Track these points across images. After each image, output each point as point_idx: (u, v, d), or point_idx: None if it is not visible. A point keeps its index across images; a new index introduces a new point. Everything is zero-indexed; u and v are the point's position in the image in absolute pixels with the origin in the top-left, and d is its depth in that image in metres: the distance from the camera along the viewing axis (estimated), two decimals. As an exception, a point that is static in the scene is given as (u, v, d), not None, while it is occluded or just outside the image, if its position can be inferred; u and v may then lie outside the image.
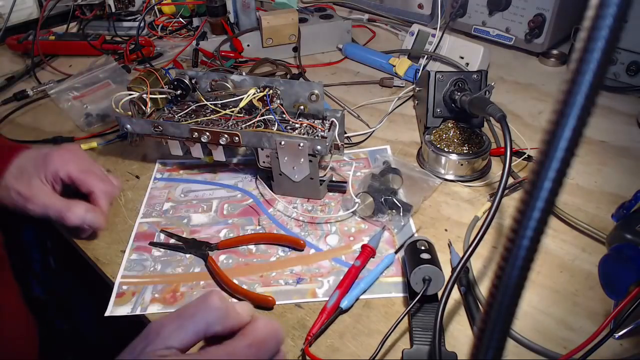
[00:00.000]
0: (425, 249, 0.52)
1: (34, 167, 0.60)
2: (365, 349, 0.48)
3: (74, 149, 0.65)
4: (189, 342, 0.35)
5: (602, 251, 0.54)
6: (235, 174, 0.73)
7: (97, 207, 0.61)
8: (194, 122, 0.67)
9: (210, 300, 0.36)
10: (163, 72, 0.71)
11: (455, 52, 0.93)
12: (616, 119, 0.81)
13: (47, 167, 0.60)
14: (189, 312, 0.36)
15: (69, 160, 0.62)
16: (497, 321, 0.20)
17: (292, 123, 0.67)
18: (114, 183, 0.65)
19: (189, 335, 0.35)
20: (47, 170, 0.60)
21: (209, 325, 0.35)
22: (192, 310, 0.36)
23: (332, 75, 0.98)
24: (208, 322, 0.35)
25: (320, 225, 0.63)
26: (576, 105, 0.17)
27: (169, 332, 0.34)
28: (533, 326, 0.50)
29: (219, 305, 0.36)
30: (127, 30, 1.13)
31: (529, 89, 0.92)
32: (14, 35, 1.08)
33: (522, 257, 0.18)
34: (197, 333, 0.35)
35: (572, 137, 0.17)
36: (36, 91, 0.92)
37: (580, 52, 0.17)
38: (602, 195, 0.66)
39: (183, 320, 0.35)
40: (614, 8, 0.16)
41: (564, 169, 0.17)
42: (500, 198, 0.48)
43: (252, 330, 0.36)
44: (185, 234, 0.63)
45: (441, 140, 0.71)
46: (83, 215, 0.59)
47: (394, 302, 0.53)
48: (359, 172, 0.71)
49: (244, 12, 1.02)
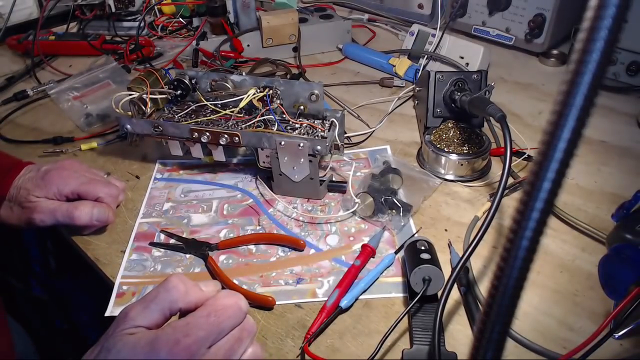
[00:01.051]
0: (425, 249, 0.52)
1: (35, 187, 0.61)
2: (365, 349, 0.48)
3: (71, 165, 0.65)
4: (155, 320, 0.39)
5: (602, 251, 0.54)
6: (235, 174, 0.73)
7: (104, 204, 0.62)
8: (194, 122, 0.67)
9: (170, 281, 0.41)
10: (163, 72, 0.71)
11: (455, 52, 0.93)
12: (616, 119, 0.81)
13: (48, 188, 0.61)
14: (152, 295, 0.40)
15: (68, 177, 0.62)
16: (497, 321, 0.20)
17: (292, 123, 0.67)
18: (117, 186, 0.66)
19: (155, 314, 0.39)
20: (48, 191, 0.61)
21: (171, 303, 0.39)
22: (154, 293, 0.40)
23: (332, 75, 0.98)
24: (170, 300, 0.39)
25: (320, 225, 0.63)
26: (575, 106, 0.17)
27: (136, 313, 0.39)
28: (533, 326, 0.50)
29: (178, 284, 0.40)
30: (127, 30, 1.13)
31: (529, 89, 0.92)
32: (14, 35, 1.08)
33: (521, 257, 0.18)
34: (162, 311, 0.39)
35: (571, 138, 0.17)
36: (36, 91, 0.92)
37: (579, 53, 0.17)
38: (602, 195, 0.66)
39: (147, 302, 0.39)
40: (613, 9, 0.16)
41: (563, 169, 0.17)
42: (500, 198, 0.48)
43: (212, 302, 0.40)
44: (185, 234, 0.63)
45: (441, 140, 0.71)
46: (91, 211, 0.60)
47: (394, 302, 0.53)
48: (359, 172, 0.71)
49: (244, 12, 1.02)
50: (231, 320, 0.40)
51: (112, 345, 0.37)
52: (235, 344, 0.40)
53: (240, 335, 0.40)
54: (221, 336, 0.39)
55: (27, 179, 0.62)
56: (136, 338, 0.37)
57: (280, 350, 0.49)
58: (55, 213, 0.60)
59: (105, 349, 0.37)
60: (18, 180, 0.62)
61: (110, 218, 0.62)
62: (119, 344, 0.37)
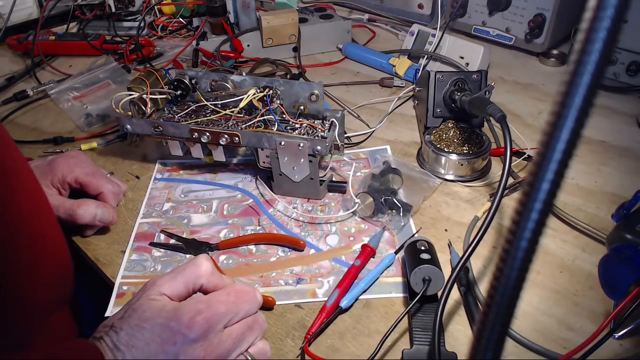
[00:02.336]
0: (425, 249, 0.52)
1: (40, 175, 0.60)
2: (365, 349, 0.48)
3: (77, 155, 0.66)
4: (179, 291, 0.42)
5: (602, 251, 0.54)
6: (235, 174, 0.73)
7: (108, 204, 0.62)
8: (194, 123, 0.67)
9: (199, 258, 0.44)
10: (163, 72, 0.71)
11: (455, 52, 0.93)
12: (616, 119, 0.81)
13: (53, 174, 0.61)
14: (180, 268, 0.44)
15: (75, 165, 0.63)
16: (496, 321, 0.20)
17: (292, 123, 0.67)
18: (119, 184, 0.67)
19: (179, 285, 0.42)
20: (53, 176, 0.61)
21: (197, 277, 0.43)
22: (183, 266, 0.44)
23: (332, 75, 0.98)
24: (196, 274, 0.43)
25: (320, 225, 0.63)
26: (574, 107, 0.17)
27: (162, 282, 0.42)
28: (533, 326, 0.50)
29: (207, 263, 0.44)
30: (127, 30, 1.13)
31: (529, 89, 0.92)
32: (14, 35, 1.08)
33: (520, 258, 0.18)
34: (186, 283, 0.42)
35: (570, 139, 0.17)
36: (36, 91, 0.92)
37: (578, 53, 0.17)
38: (602, 195, 0.66)
39: (175, 274, 0.43)
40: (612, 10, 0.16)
41: (562, 170, 0.17)
42: (500, 198, 0.48)
43: (232, 286, 0.44)
44: (185, 234, 0.63)
45: (441, 140, 0.71)
46: (94, 211, 0.60)
47: (394, 302, 0.53)
48: (359, 172, 0.71)
49: (244, 12, 1.02)
50: (247, 304, 0.42)
51: (138, 307, 0.40)
52: (247, 332, 0.42)
53: (252, 325, 0.43)
54: (237, 318, 0.42)
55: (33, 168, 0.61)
56: (161, 304, 0.40)
57: (280, 350, 0.49)
58: (58, 209, 0.59)
59: (131, 309, 0.40)
60: None
61: (114, 219, 0.62)
62: (144, 306, 0.40)
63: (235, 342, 0.41)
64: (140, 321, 0.39)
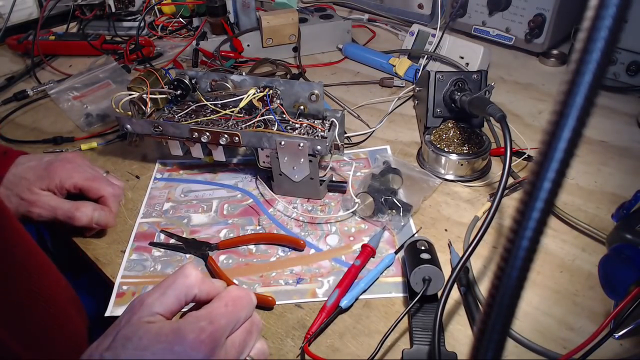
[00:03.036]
0: (425, 249, 0.52)
1: (37, 178, 0.60)
2: (365, 349, 0.48)
3: (74, 158, 0.64)
4: (172, 306, 0.39)
5: (602, 251, 0.54)
6: (235, 174, 0.73)
7: (106, 207, 0.61)
8: (194, 122, 0.67)
9: (186, 268, 0.41)
10: (163, 72, 0.71)
11: (455, 52, 0.93)
12: (616, 119, 0.81)
13: (50, 179, 0.60)
14: (168, 281, 0.40)
15: (73, 171, 0.61)
16: (497, 321, 0.20)
17: (292, 123, 0.67)
18: (119, 186, 0.66)
19: (171, 300, 0.39)
20: (50, 181, 0.60)
21: (188, 289, 0.40)
22: (171, 279, 0.40)
23: (332, 75, 0.98)
24: (187, 285, 0.40)
25: (320, 225, 0.63)
26: (575, 106, 0.17)
27: (153, 300, 0.38)
28: (533, 326, 0.50)
29: (194, 271, 0.41)
30: (127, 30, 1.13)
31: (529, 89, 0.92)
32: (14, 35, 1.08)
33: (522, 257, 0.18)
34: (178, 297, 0.39)
35: (571, 138, 0.17)
36: (36, 91, 0.92)
37: (579, 52, 0.17)
38: (602, 195, 0.66)
39: (164, 289, 0.39)
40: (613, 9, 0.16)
41: (563, 169, 0.17)
42: (500, 198, 0.48)
43: (225, 294, 0.41)
44: (185, 234, 0.63)
45: (441, 140, 0.71)
46: (92, 214, 0.59)
47: (394, 302, 0.53)
48: (359, 172, 0.71)
49: (244, 12, 1.02)
50: (245, 310, 0.41)
51: (131, 334, 0.36)
52: (247, 337, 0.41)
53: (251, 329, 0.41)
54: (237, 326, 0.40)
55: (28, 168, 0.60)
56: (158, 327, 0.36)
57: (280, 350, 0.49)
58: (56, 210, 0.59)
59: (123, 337, 0.36)
60: (17, 167, 0.61)
61: (111, 222, 0.62)
62: (139, 332, 0.36)
63: (239, 350, 0.40)
64: (138, 350, 0.35)
